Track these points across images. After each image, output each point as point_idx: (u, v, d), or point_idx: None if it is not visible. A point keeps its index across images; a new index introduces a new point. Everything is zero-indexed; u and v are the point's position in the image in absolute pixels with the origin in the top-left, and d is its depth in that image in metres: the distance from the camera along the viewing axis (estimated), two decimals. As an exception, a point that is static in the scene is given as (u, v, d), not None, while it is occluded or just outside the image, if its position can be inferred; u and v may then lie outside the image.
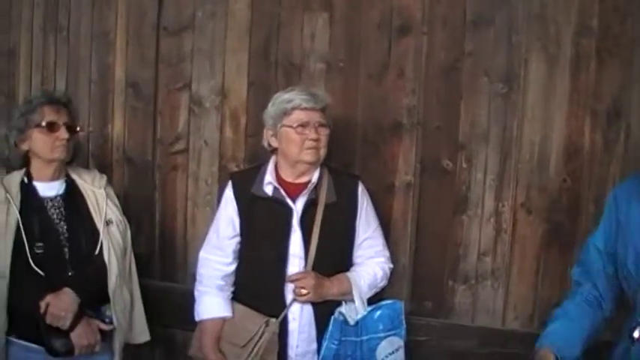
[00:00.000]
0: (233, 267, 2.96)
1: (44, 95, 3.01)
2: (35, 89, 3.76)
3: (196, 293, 3.01)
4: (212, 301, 2.94)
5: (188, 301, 3.08)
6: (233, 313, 2.91)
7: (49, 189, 2.99)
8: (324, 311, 2.81)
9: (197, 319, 2.98)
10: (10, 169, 3.03)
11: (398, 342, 2.85)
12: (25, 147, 2.95)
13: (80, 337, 2.82)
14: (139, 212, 3.60)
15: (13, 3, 3.95)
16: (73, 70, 3.79)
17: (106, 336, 2.95)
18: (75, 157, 3.13)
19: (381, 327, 2.82)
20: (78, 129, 3.05)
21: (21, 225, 2.87)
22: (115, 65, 3.68)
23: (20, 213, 2.89)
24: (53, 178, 3.00)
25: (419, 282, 3.19)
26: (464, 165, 3.08)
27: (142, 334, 3.17)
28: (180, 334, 3.50)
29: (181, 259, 3.59)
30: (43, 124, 2.91)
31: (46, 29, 3.86)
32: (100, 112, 3.74)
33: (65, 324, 2.79)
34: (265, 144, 2.95)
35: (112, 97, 3.70)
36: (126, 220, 3.13)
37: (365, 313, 2.82)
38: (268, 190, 2.87)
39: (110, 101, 3.71)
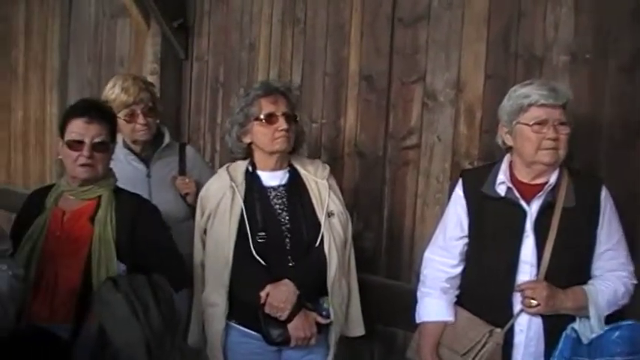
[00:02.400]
0: (459, 270, 2.81)
1: (261, 87, 3.04)
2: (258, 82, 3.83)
3: (419, 294, 2.90)
4: (434, 304, 2.81)
5: (411, 301, 2.96)
6: (455, 318, 2.77)
7: (272, 178, 3.04)
8: (554, 326, 2.57)
9: (418, 320, 2.87)
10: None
11: (637, 369, 2.55)
12: (247, 140, 3.03)
13: (297, 329, 2.85)
14: (367, 206, 3.57)
15: (254, -1, 4.12)
16: (309, 62, 3.86)
17: (322, 329, 2.95)
18: (298, 146, 3.14)
19: (618, 350, 2.51)
20: (297, 118, 3.05)
21: (245, 214, 2.93)
22: (350, 57, 3.67)
23: (244, 202, 2.94)
24: (276, 168, 3.05)
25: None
26: None
27: (357, 327, 3.15)
28: (402, 334, 3.42)
29: (407, 258, 3.49)
30: (262, 117, 2.95)
31: (284, 22, 3.98)
32: (333, 105, 3.76)
33: (283, 315, 2.84)
34: (499, 141, 2.76)
35: (346, 90, 3.70)
36: (347, 213, 3.10)
37: (601, 332, 2.54)
38: (501, 190, 2.67)
39: (344, 94, 3.72)
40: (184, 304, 3.23)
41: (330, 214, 3.01)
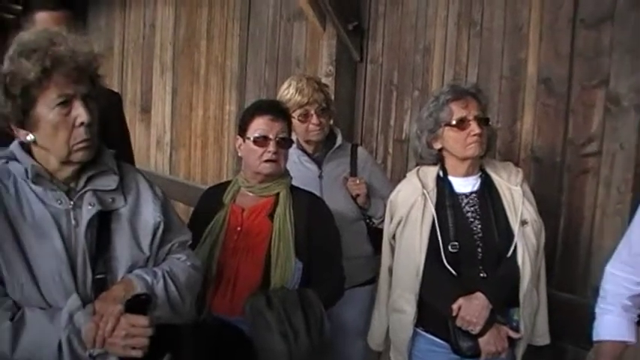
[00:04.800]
0: (643, 288, 2.64)
1: (450, 91, 2.95)
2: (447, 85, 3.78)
3: (597, 310, 2.72)
4: (614, 322, 2.64)
5: (585, 315, 2.82)
6: (636, 339, 2.60)
7: (464, 185, 2.97)
8: None
9: (595, 338, 2.70)
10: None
11: None
12: (437, 146, 2.96)
13: (488, 343, 2.79)
14: (542, 214, 3.39)
15: (430, 2, 4.09)
16: (485, 65, 3.78)
17: (511, 340, 2.88)
18: (489, 149, 3.05)
19: None
20: (489, 121, 2.96)
21: (436, 222, 2.88)
22: (528, 60, 3.55)
23: (435, 209, 2.90)
24: (468, 174, 2.97)
25: None
26: None
27: (542, 336, 3.03)
28: (572, 351, 3.28)
29: (582, 270, 3.33)
30: (453, 122, 2.87)
31: (459, 25, 3.91)
32: (509, 109, 3.66)
33: (475, 330, 2.78)
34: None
35: (523, 94, 3.59)
36: (541, 220, 2.98)
37: None
38: (694, 203, 2.49)
39: (520, 98, 3.60)
40: (366, 302, 3.32)
41: (523, 223, 2.89)
